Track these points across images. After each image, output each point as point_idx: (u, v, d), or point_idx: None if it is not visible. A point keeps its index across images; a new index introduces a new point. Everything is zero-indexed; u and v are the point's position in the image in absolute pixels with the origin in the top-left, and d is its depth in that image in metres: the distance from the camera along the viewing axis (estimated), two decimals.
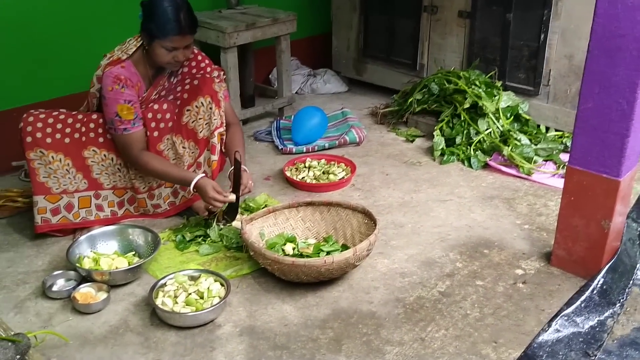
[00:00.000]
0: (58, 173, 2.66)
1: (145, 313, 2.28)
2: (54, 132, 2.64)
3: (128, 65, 2.63)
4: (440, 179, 3.25)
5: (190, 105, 2.73)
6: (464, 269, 2.52)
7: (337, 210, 2.63)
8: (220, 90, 2.79)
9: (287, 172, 3.21)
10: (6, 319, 2.25)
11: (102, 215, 2.79)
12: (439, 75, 3.76)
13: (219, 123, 2.75)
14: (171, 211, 2.88)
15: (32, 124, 2.62)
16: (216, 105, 2.73)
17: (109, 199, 2.79)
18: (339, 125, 3.80)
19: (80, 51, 3.35)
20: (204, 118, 2.73)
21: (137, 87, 2.64)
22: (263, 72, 4.40)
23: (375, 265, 2.55)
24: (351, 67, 4.49)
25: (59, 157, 2.65)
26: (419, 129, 3.78)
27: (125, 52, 2.65)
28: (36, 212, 2.66)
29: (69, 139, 2.66)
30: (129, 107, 2.58)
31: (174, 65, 2.66)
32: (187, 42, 2.61)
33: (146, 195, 2.81)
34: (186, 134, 2.75)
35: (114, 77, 2.56)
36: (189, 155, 2.77)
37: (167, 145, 2.75)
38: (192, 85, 2.75)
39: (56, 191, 2.68)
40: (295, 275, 2.31)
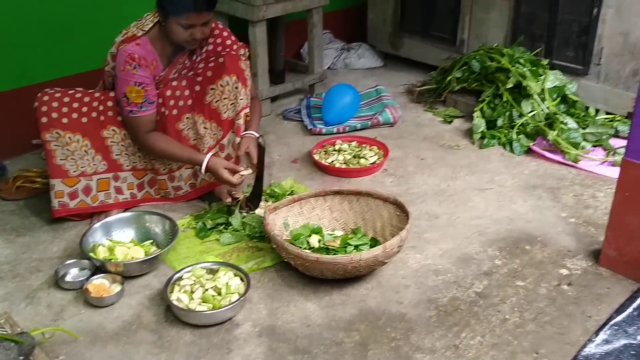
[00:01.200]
0: (76, 155, 2.53)
1: (160, 308, 2.16)
2: (70, 111, 2.51)
3: (144, 42, 2.46)
4: (480, 165, 3.03)
5: (214, 84, 2.56)
6: (503, 267, 2.33)
7: (367, 200, 2.45)
8: (247, 68, 2.61)
9: (316, 155, 3.04)
10: (17, 310, 2.16)
11: (122, 199, 2.66)
12: (480, 52, 3.51)
13: (245, 103, 2.58)
14: (192, 194, 2.73)
15: (47, 103, 2.49)
16: (242, 85, 2.56)
17: (128, 181, 2.67)
18: (372, 104, 3.59)
19: (97, 26, 3.20)
20: (229, 98, 2.56)
21: (152, 66, 2.48)
22: (294, 45, 4.21)
23: (407, 260, 2.37)
24: (387, 41, 4.25)
25: (77, 137, 2.52)
26: (457, 109, 3.55)
27: (140, 29, 2.48)
28: (53, 196, 2.55)
29: (87, 119, 2.53)
30: (138, 90, 2.43)
31: (192, 44, 2.49)
32: (205, 20, 2.42)
33: (167, 177, 2.68)
34: (209, 114, 2.59)
35: (127, 55, 2.40)
36: (210, 136, 2.61)
37: (187, 125, 2.60)
38: (217, 63, 2.57)
39: (74, 174, 2.55)
40: (320, 272, 2.15)
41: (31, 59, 3.07)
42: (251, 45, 3.37)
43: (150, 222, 2.48)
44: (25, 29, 3.01)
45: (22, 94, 3.03)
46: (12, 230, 2.60)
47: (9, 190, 2.82)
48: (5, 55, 2.99)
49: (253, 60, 3.40)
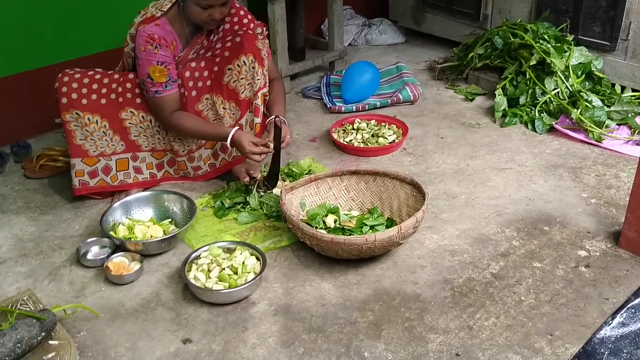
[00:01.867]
0: (95, 135, 2.57)
1: (178, 286, 2.19)
2: (89, 92, 2.53)
3: (163, 23, 2.47)
4: (500, 144, 3.00)
5: (231, 64, 2.56)
6: (520, 248, 2.31)
7: (384, 180, 2.45)
8: (264, 47, 2.60)
9: (334, 134, 3.03)
10: (40, 286, 2.21)
11: (141, 178, 2.70)
12: (503, 27, 3.45)
13: (262, 83, 2.58)
14: (211, 173, 2.75)
15: (67, 84, 2.52)
16: (259, 64, 2.55)
17: (147, 161, 2.70)
18: (392, 82, 3.56)
19: (116, 5, 3.21)
20: (246, 78, 2.56)
21: (172, 47, 2.49)
22: (315, 22, 4.17)
23: (423, 241, 2.37)
24: (409, 16, 4.20)
25: (95, 118, 2.55)
26: (479, 86, 3.51)
27: (159, 9, 2.49)
28: (74, 175, 2.59)
29: (105, 100, 2.55)
30: (161, 69, 2.44)
31: (211, 24, 2.49)
32: (223, 0, 2.42)
33: (186, 158, 2.70)
34: (227, 94, 2.59)
35: (147, 36, 2.41)
36: (229, 116, 2.62)
37: (206, 106, 2.61)
38: (234, 43, 2.57)
39: (93, 154, 2.59)
40: (335, 252, 2.16)
41: (53, 39, 3.10)
42: (270, 23, 3.36)
43: (168, 201, 2.51)
44: (46, 8, 3.04)
45: (44, 73, 3.06)
46: (35, 208, 2.66)
47: (33, 169, 2.87)
48: (28, 35, 3.02)
49: (272, 38, 3.39)
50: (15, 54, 3.02)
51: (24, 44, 3.03)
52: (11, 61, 3.02)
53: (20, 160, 2.97)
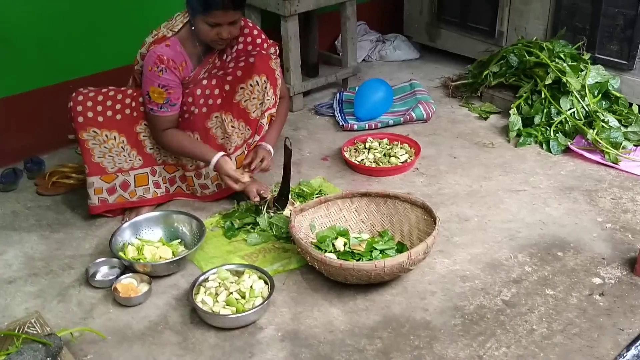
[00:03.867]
0: (113, 151, 2.58)
1: (186, 309, 2.18)
2: (104, 109, 2.54)
3: (173, 43, 2.47)
4: (514, 165, 2.96)
5: (244, 83, 2.56)
6: (533, 275, 2.27)
7: (395, 202, 2.42)
8: (277, 68, 2.60)
9: (346, 153, 3.01)
10: (49, 307, 2.22)
11: (160, 192, 2.71)
12: (519, 45, 3.41)
13: (272, 104, 2.58)
14: (218, 194, 2.74)
15: (82, 103, 2.53)
16: (272, 85, 2.55)
17: (162, 175, 2.70)
18: (406, 99, 3.54)
19: (128, 23, 3.22)
20: (258, 98, 2.56)
21: (182, 67, 2.49)
22: (329, 37, 4.16)
23: (434, 265, 2.33)
24: (424, 32, 4.17)
25: (113, 134, 2.56)
26: (494, 105, 3.47)
27: (170, 30, 2.49)
28: (92, 193, 2.59)
29: (121, 116, 2.56)
30: (160, 91, 2.46)
31: (219, 43, 2.48)
32: (232, 19, 2.41)
33: (193, 173, 2.69)
34: (237, 113, 2.59)
35: (157, 57, 2.42)
36: (237, 135, 2.61)
37: (215, 123, 2.61)
38: (247, 63, 2.56)
39: (111, 170, 2.60)
40: (344, 277, 2.14)
41: (66, 56, 3.12)
42: (283, 40, 3.36)
43: (178, 221, 2.51)
44: (59, 26, 3.06)
45: (58, 90, 3.08)
46: (47, 226, 2.66)
47: (45, 186, 2.88)
48: (42, 52, 3.04)
49: (285, 55, 3.38)
50: (29, 71, 3.04)
51: (38, 61, 3.05)
52: (25, 78, 3.04)
53: (33, 177, 2.98)
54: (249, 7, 3.52)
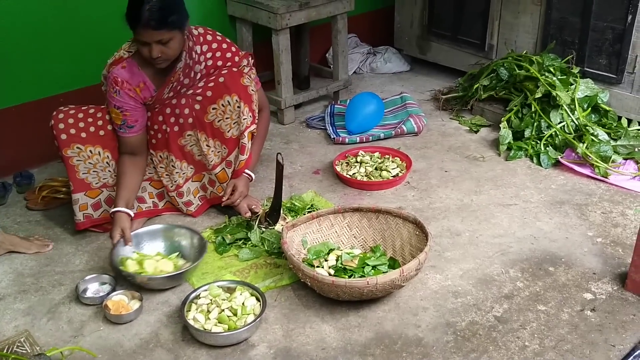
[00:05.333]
0: (98, 167, 2.57)
1: (177, 326, 2.16)
2: (87, 126, 2.54)
3: (130, 64, 2.46)
4: (505, 179, 2.97)
5: (215, 103, 2.54)
6: (524, 290, 2.28)
7: (387, 218, 2.42)
8: (251, 83, 2.58)
9: (338, 166, 3.01)
10: (39, 325, 2.19)
11: (145, 207, 2.70)
12: (509, 59, 3.43)
13: (250, 122, 2.56)
14: (204, 205, 2.75)
15: (63, 120, 2.53)
16: (245, 103, 2.53)
17: (148, 190, 2.70)
18: (397, 112, 3.55)
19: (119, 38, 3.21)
20: (231, 117, 2.55)
21: (139, 89, 2.47)
22: (320, 49, 4.16)
23: (426, 281, 2.33)
24: (414, 45, 4.18)
25: (97, 150, 2.55)
26: (484, 118, 3.49)
27: (127, 50, 2.48)
28: (77, 210, 2.58)
29: (104, 132, 2.57)
30: (117, 112, 2.48)
31: (157, 62, 2.39)
32: (158, 38, 2.30)
33: (175, 193, 2.69)
34: (211, 132, 2.59)
35: (112, 79, 2.44)
36: (214, 154, 2.61)
37: (189, 141, 2.62)
38: (217, 83, 2.54)
39: (96, 186, 2.59)
40: (336, 294, 2.13)
41: (56, 70, 3.10)
42: (275, 54, 3.36)
43: (178, 235, 2.50)
44: (49, 40, 3.04)
45: (47, 103, 3.05)
46: None
47: (35, 200, 2.85)
48: (32, 66, 3.03)
49: (276, 68, 3.39)
50: (19, 85, 3.02)
51: (28, 74, 3.03)
52: (14, 92, 3.02)
53: (22, 191, 2.96)
54: (240, 20, 3.53)
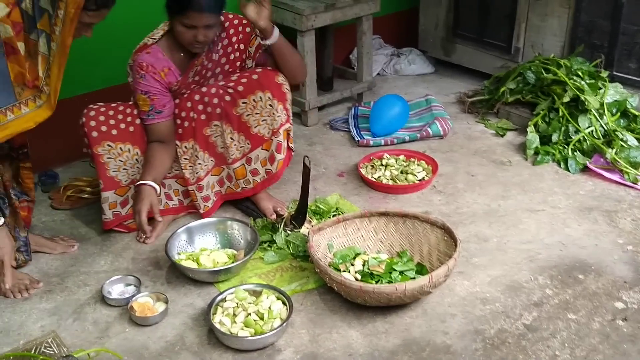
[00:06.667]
0: (127, 164, 2.57)
1: (203, 329, 2.15)
2: (117, 123, 2.55)
3: (154, 50, 2.48)
4: (532, 184, 2.93)
5: (246, 98, 2.54)
6: (554, 298, 2.24)
7: (414, 222, 2.40)
8: (286, 82, 2.58)
9: (362, 169, 2.99)
10: (65, 325, 2.20)
11: (172, 204, 2.71)
12: (535, 62, 3.39)
13: (284, 120, 2.56)
14: (217, 202, 2.75)
15: (94, 118, 2.53)
16: (279, 101, 2.53)
17: (173, 188, 2.70)
18: (422, 114, 3.51)
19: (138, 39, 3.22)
20: (261, 114, 2.54)
21: (163, 73, 2.49)
22: (344, 50, 4.14)
23: (454, 287, 2.30)
24: (439, 46, 4.15)
25: (127, 147, 2.56)
26: (510, 121, 3.44)
27: (151, 37, 2.52)
28: (107, 208, 2.58)
29: (133, 128, 2.57)
30: (144, 98, 2.49)
31: (195, 46, 2.44)
32: (208, 22, 2.37)
33: (195, 187, 2.68)
34: (237, 125, 2.58)
35: (137, 64, 2.46)
36: (237, 148, 2.61)
37: (215, 132, 2.62)
38: (251, 80, 2.54)
39: (125, 183, 2.60)
40: (363, 299, 2.11)
41: (81, 71, 3.11)
42: None
43: (232, 228, 2.53)
44: (74, 42, 3.03)
45: (72, 103, 3.05)
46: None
47: (60, 200, 2.86)
48: None
49: None
50: None
51: None
52: None
53: (47, 190, 2.97)
54: None
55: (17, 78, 1.97)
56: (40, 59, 1.95)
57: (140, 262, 2.50)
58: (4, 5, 1.87)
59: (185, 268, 2.33)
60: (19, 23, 1.90)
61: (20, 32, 1.91)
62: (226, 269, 2.32)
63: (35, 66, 1.97)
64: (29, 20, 1.91)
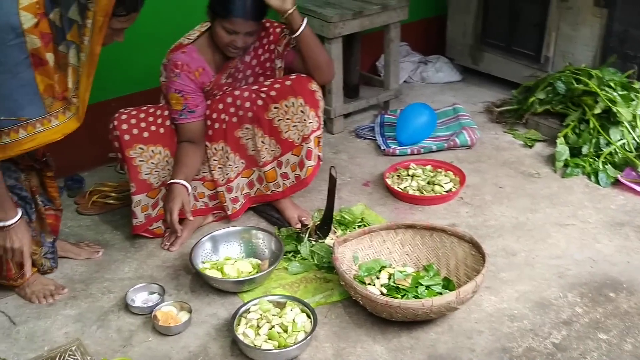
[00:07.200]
0: (159, 166, 2.58)
1: (226, 340, 2.14)
2: (148, 125, 2.56)
3: (190, 50, 2.49)
4: (562, 197, 2.87)
5: (278, 103, 2.54)
6: (584, 316, 2.19)
7: (441, 236, 2.36)
8: (319, 89, 2.57)
9: (388, 179, 2.95)
10: (89, 332, 2.20)
11: (199, 205, 2.71)
12: (566, 72, 3.33)
13: (316, 126, 2.55)
14: (246, 204, 2.74)
15: (126, 121, 2.54)
16: (311, 107, 2.52)
17: (198, 190, 2.70)
18: (449, 123, 3.47)
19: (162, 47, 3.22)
20: (292, 120, 2.54)
21: (198, 73, 2.49)
22: (371, 57, 4.11)
23: (481, 303, 2.26)
24: (467, 54, 4.10)
25: (159, 149, 2.57)
26: (539, 132, 3.38)
27: (187, 38, 2.53)
28: (139, 211, 2.58)
29: (164, 129, 2.58)
30: (177, 97, 2.49)
31: (232, 52, 2.46)
32: (249, 29, 2.40)
33: (224, 188, 2.67)
34: (268, 129, 2.58)
35: (172, 63, 2.47)
36: (267, 152, 2.61)
37: (246, 134, 2.62)
38: (284, 86, 2.54)
39: (156, 185, 2.60)
40: (389, 314, 2.08)
41: (106, 76, 3.11)
42: None
43: (257, 237, 2.52)
44: None
45: (99, 108, 3.06)
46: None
47: (85, 205, 2.87)
48: None
49: None
50: None
51: None
52: None
53: (73, 195, 2.98)
54: None
55: (47, 90, 1.96)
56: (70, 71, 1.94)
57: (164, 270, 2.50)
58: (32, 15, 1.85)
59: (209, 277, 2.32)
60: (47, 34, 1.88)
61: (49, 43, 1.89)
62: (250, 279, 2.30)
63: (64, 78, 1.95)
64: (57, 31, 1.89)
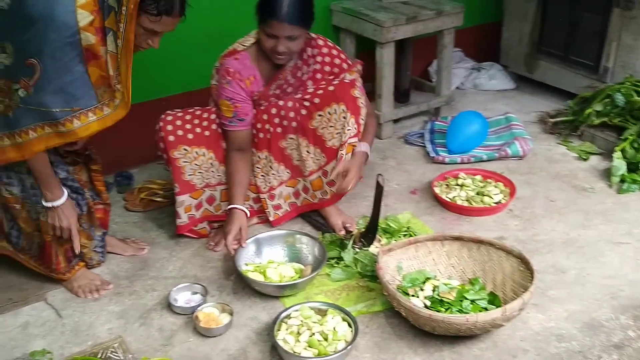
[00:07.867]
0: (203, 168, 2.59)
1: (265, 345, 2.13)
2: (193, 127, 2.58)
3: (243, 57, 2.49)
4: (617, 213, 2.77)
5: (322, 110, 2.52)
6: (637, 341, 2.10)
7: (489, 249, 2.30)
8: (361, 95, 2.53)
9: (437, 188, 2.90)
10: (131, 329, 2.22)
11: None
12: (626, 84, 3.21)
13: (353, 133, 2.51)
14: (292, 212, 2.73)
15: (171, 122, 2.56)
16: (352, 114, 2.49)
17: None
18: (501, 133, 3.39)
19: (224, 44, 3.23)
20: (335, 127, 2.51)
21: (249, 81, 2.49)
22: (422, 63, 4.05)
23: (527, 320, 2.20)
24: (521, 62, 4.00)
25: (203, 151, 2.57)
26: (594, 145, 3.27)
27: (241, 44, 2.52)
28: (182, 211, 2.60)
29: (209, 132, 2.59)
30: (228, 104, 2.50)
31: (277, 58, 2.44)
32: (289, 33, 2.36)
33: (267, 195, 2.68)
34: (313, 139, 2.56)
35: (225, 70, 2.48)
36: (313, 161, 2.60)
37: (290, 144, 2.61)
38: (327, 92, 2.52)
39: (200, 186, 2.61)
40: (432, 328, 2.04)
41: (159, 74, 3.16)
42: (377, 66, 3.29)
43: (301, 242, 2.51)
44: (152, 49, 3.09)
45: (151, 106, 3.11)
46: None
47: (134, 202, 2.91)
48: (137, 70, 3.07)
49: (378, 82, 3.32)
50: None
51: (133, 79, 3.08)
52: None
53: (122, 191, 3.02)
54: (344, 31, 3.48)
55: (98, 81, 1.97)
56: (109, 58, 1.95)
57: (208, 270, 2.51)
58: (88, 12, 1.86)
59: (251, 280, 2.31)
60: (101, 29, 1.90)
61: (103, 38, 1.91)
62: (292, 285, 2.29)
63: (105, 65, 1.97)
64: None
